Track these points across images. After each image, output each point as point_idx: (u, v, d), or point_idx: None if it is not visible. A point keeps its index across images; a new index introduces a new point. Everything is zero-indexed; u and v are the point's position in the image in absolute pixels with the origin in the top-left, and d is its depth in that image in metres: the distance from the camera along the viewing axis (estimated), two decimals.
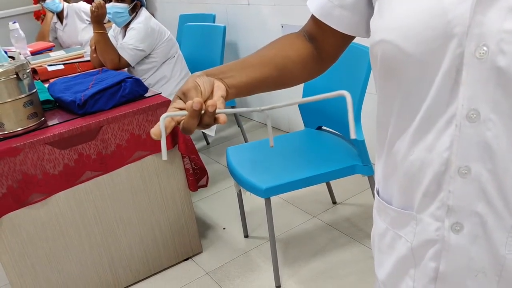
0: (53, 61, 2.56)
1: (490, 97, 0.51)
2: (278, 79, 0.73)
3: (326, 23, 0.72)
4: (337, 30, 0.71)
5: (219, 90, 0.64)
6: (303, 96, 2.06)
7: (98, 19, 2.31)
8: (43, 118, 1.70)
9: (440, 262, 0.60)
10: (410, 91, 0.57)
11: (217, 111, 0.59)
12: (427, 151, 0.57)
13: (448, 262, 0.59)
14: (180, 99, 0.62)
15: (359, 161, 1.79)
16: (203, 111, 0.58)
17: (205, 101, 0.61)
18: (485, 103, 0.51)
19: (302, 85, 2.08)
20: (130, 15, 2.40)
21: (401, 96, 0.59)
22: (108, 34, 2.62)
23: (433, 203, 0.59)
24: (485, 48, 0.49)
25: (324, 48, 0.76)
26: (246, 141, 3.00)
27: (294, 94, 1.60)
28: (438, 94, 0.54)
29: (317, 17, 0.72)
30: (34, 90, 1.64)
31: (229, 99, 0.66)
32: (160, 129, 0.57)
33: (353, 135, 0.55)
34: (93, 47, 2.37)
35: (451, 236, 0.58)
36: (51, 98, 1.88)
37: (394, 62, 0.57)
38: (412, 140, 0.59)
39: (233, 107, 2.80)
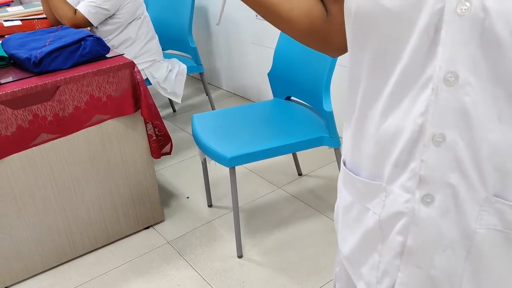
0: (10, 16, 2.41)
1: (470, 59, 0.47)
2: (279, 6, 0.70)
3: None
4: None
5: None
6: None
7: None
8: None
9: (408, 236, 0.57)
10: (384, 51, 0.53)
11: None
12: (401, 118, 0.53)
13: (416, 236, 0.56)
14: None
15: (327, 133, 1.76)
16: None
17: None
18: (464, 65, 0.47)
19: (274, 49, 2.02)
20: None
21: (375, 57, 0.55)
22: None
23: (404, 173, 0.55)
24: (467, 3, 0.45)
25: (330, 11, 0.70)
26: (213, 109, 2.93)
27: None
28: (414, 54, 0.50)
29: None
30: None
31: None
32: None
33: (218, 22, 0.71)
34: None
35: (421, 209, 0.54)
36: (5, 55, 1.76)
37: (369, 17, 0.53)
38: (386, 105, 0.55)
39: (201, 74, 2.72)
